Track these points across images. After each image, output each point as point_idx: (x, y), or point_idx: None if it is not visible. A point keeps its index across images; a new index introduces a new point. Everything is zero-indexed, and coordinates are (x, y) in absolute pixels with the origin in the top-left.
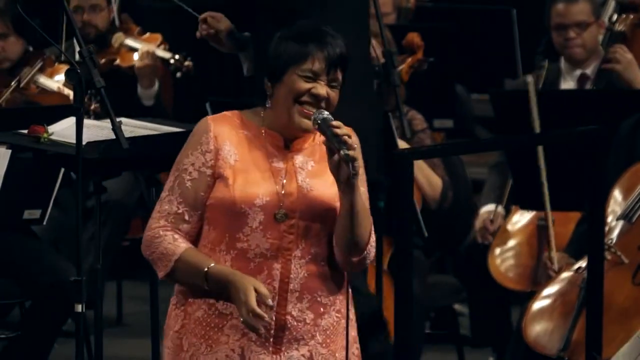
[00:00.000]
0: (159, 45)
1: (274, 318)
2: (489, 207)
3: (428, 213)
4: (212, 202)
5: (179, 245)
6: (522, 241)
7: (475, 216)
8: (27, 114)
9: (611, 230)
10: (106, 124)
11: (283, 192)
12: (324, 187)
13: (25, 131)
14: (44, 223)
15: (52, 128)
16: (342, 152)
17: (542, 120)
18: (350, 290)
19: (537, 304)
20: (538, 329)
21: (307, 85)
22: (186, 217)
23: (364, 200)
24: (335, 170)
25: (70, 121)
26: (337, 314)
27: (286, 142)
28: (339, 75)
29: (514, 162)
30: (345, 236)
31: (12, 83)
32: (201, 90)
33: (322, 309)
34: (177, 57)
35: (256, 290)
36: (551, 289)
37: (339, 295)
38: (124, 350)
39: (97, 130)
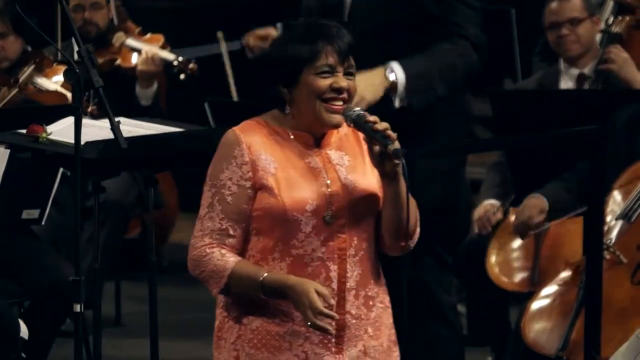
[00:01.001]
0: (161, 47)
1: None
2: (491, 201)
3: None
4: (260, 213)
5: (228, 260)
6: (519, 243)
7: (472, 211)
8: (25, 113)
9: (610, 229)
10: (105, 123)
11: (329, 192)
12: (366, 180)
13: (24, 131)
14: (43, 223)
15: (50, 128)
16: (389, 147)
17: (540, 119)
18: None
19: (536, 304)
20: (537, 329)
21: (327, 81)
22: (231, 232)
23: (405, 186)
24: (379, 163)
25: (69, 121)
26: (380, 305)
27: (315, 140)
28: (353, 63)
29: (514, 162)
30: (394, 223)
31: (11, 82)
32: (199, 90)
33: (371, 302)
34: (180, 59)
35: (317, 292)
36: (550, 289)
37: (381, 286)
38: (123, 350)
39: (95, 130)
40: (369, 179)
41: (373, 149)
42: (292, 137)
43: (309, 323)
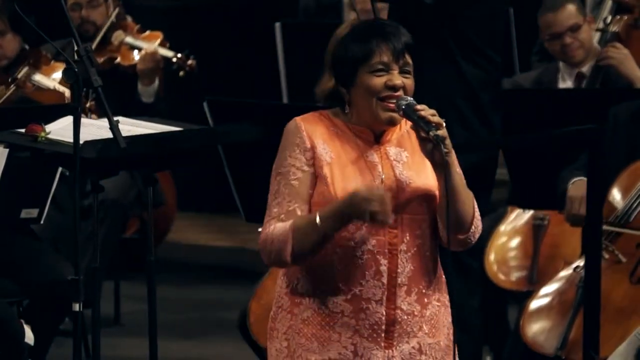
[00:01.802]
0: (160, 44)
1: (384, 313)
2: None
3: None
4: (315, 200)
5: (286, 223)
6: (517, 241)
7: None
8: (24, 112)
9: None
10: (104, 123)
11: (382, 186)
12: (423, 178)
13: (23, 130)
14: (42, 222)
15: (49, 127)
16: (431, 133)
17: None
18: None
19: (535, 303)
20: (535, 328)
21: (382, 80)
22: (298, 212)
23: (461, 178)
24: (429, 153)
25: (68, 120)
26: (437, 303)
27: (375, 136)
28: (409, 61)
29: (513, 162)
30: (449, 216)
31: (9, 81)
32: (199, 89)
33: (426, 300)
34: (179, 55)
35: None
36: (549, 288)
37: (438, 284)
38: (122, 349)
39: (94, 129)
40: (425, 177)
41: (420, 137)
42: (352, 131)
43: (372, 216)
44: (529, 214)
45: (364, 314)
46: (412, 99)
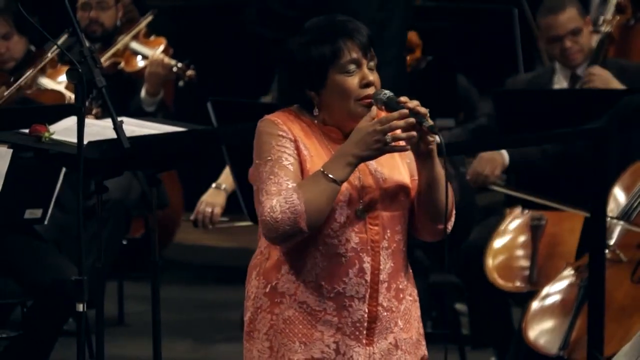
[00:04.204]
0: (163, 51)
1: (366, 310)
2: None
3: None
4: None
5: (290, 192)
6: (516, 243)
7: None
8: (28, 113)
9: (611, 228)
10: (107, 123)
11: (361, 184)
12: (396, 174)
13: (27, 130)
14: (45, 222)
15: (53, 127)
16: (424, 124)
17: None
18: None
19: (537, 304)
20: (537, 329)
21: (355, 79)
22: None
23: (441, 168)
24: (413, 144)
25: (72, 120)
26: (410, 297)
27: (344, 135)
28: (374, 54)
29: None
30: (432, 205)
31: (14, 83)
32: (203, 90)
33: (401, 295)
34: (179, 65)
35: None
36: (550, 289)
37: (410, 279)
38: (125, 350)
39: (98, 129)
40: (399, 173)
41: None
42: (321, 131)
43: (388, 138)
44: (527, 215)
45: (346, 312)
46: (388, 91)
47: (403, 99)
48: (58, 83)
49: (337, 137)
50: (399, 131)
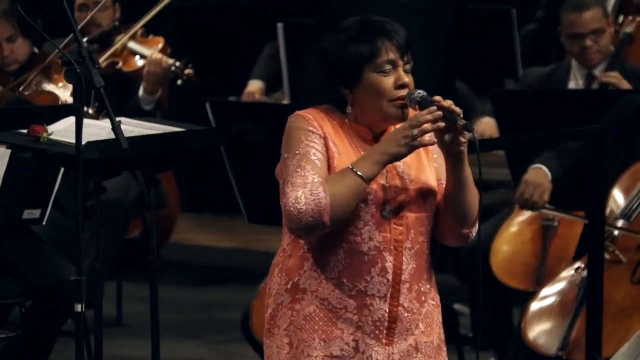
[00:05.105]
0: (160, 50)
1: (387, 310)
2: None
3: None
4: None
5: (316, 184)
6: (525, 240)
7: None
8: (27, 113)
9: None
10: (106, 123)
11: (387, 184)
12: (423, 176)
13: (25, 131)
14: (44, 223)
15: (51, 128)
16: (459, 123)
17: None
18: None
19: (536, 304)
20: (537, 329)
21: (390, 79)
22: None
23: (470, 171)
24: (445, 145)
25: (70, 121)
26: (432, 302)
27: (374, 135)
28: (410, 57)
29: (515, 162)
30: (460, 208)
31: (10, 81)
32: (201, 90)
33: (423, 298)
34: (177, 64)
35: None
36: (550, 289)
37: (432, 283)
38: (124, 350)
39: (96, 129)
40: (426, 175)
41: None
42: (351, 130)
43: (415, 132)
44: (536, 213)
45: (367, 310)
46: (422, 91)
47: (437, 97)
48: (60, 88)
49: (366, 137)
50: (427, 125)
